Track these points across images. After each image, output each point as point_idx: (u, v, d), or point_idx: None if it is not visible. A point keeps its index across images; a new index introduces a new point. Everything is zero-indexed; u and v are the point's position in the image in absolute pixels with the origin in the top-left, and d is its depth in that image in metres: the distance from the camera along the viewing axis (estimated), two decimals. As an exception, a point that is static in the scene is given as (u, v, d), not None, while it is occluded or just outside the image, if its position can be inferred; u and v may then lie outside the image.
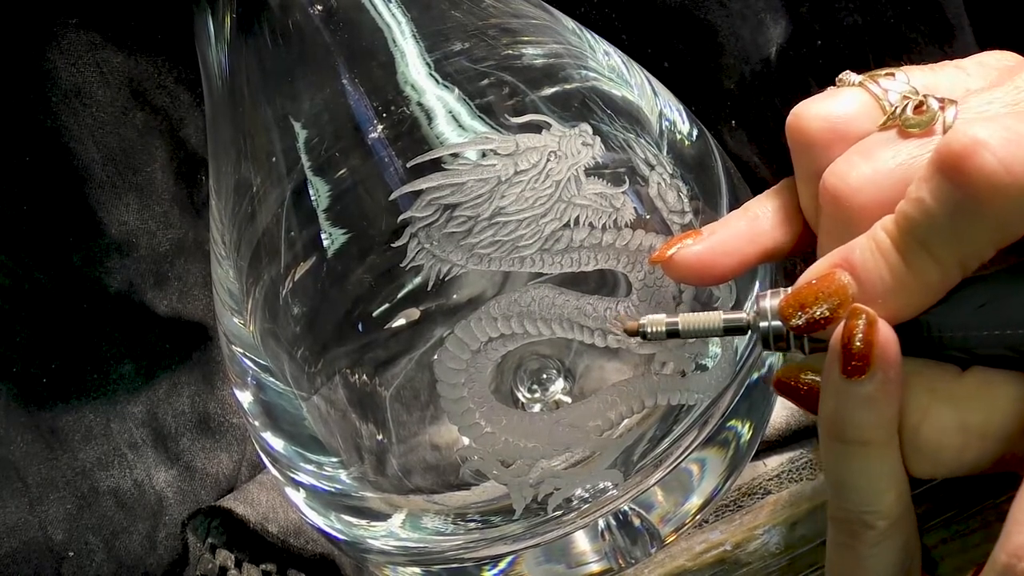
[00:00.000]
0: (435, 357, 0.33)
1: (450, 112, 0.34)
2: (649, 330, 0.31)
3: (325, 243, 0.34)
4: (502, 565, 0.36)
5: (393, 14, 0.34)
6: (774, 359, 0.38)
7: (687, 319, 0.31)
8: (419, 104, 0.34)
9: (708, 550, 0.42)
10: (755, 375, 0.37)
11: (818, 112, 0.31)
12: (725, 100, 0.47)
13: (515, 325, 0.33)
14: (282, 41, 0.34)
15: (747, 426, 0.38)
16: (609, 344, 0.33)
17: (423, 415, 0.35)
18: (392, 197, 0.33)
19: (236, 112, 0.36)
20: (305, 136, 0.35)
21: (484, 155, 0.32)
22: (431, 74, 0.34)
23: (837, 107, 0.31)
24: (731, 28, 0.46)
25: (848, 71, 0.32)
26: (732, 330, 0.31)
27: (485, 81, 0.34)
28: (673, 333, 0.31)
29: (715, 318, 0.31)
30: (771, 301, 0.30)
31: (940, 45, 0.46)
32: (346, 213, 0.34)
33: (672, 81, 0.40)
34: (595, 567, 0.37)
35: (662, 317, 0.32)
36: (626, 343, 0.34)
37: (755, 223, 0.33)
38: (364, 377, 0.35)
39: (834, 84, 0.32)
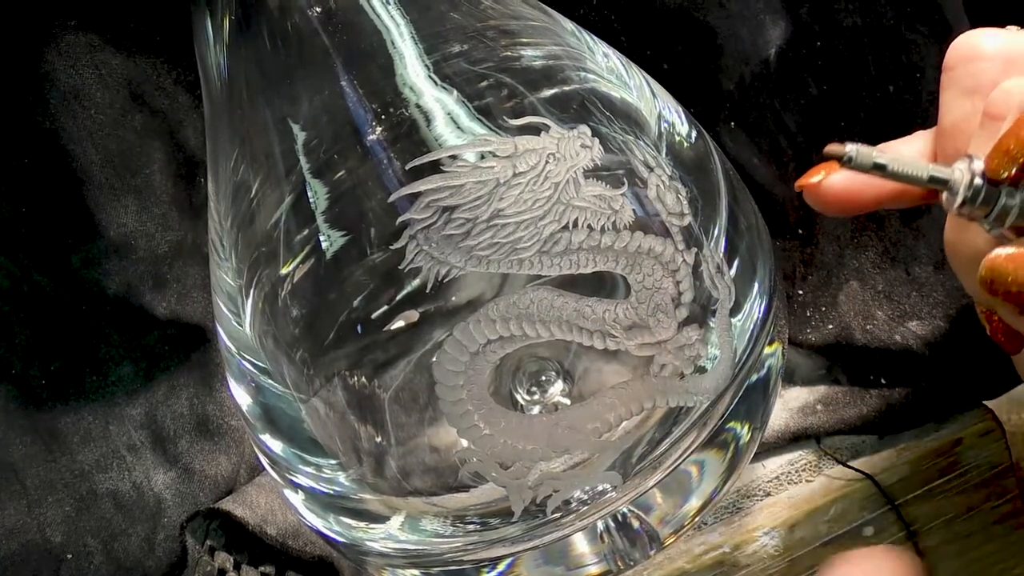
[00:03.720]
0: (434, 359, 0.33)
1: (449, 114, 0.34)
2: (855, 157, 0.29)
3: (324, 245, 0.34)
4: (501, 567, 0.36)
5: (392, 16, 0.34)
6: (773, 361, 0.38)
7: (896, 159, 0.29)
8: (418, 106, 0.34)
9: (707, 552, 0.42)
10: (754, 377, 0.37)
11: (994, 34, 0.31)
12: (724, 101, 0.47)
13: (514, 327, 0.33)
14: (281, 43, 0.34)
15: (746, 428, 0.38)
16: (608, 346, 0.33)
17: (422, 417, 0.35)
18: (391, 199, 0.32)
19: (235, 114, 0.36)
20: (304, 138, 0.35)
21: (483, 157, 0.32)
22: (430, 76, 0.34)
23: (1015, 39, 0.31)
24: (730, 29, 0.46)
25: None
26: (936, 181, 0.29)
27: (484, 83, 0.34)
28: (880, 167, 0.29)
29: (922, 166, 0.29)
30: (975, 164, 0.29)
31: (940, 45, 0.46)
32: (345, 215, 0.34)
33: (671, 83, 0.40)
34: (594, 569, 0.37)
35: (872, 148, 0.30)
36: (624, 345, 0.34)
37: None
38: (363, 379, 0.35)
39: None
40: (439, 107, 0.34)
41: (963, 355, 0.47)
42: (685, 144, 0.37)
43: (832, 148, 0.29)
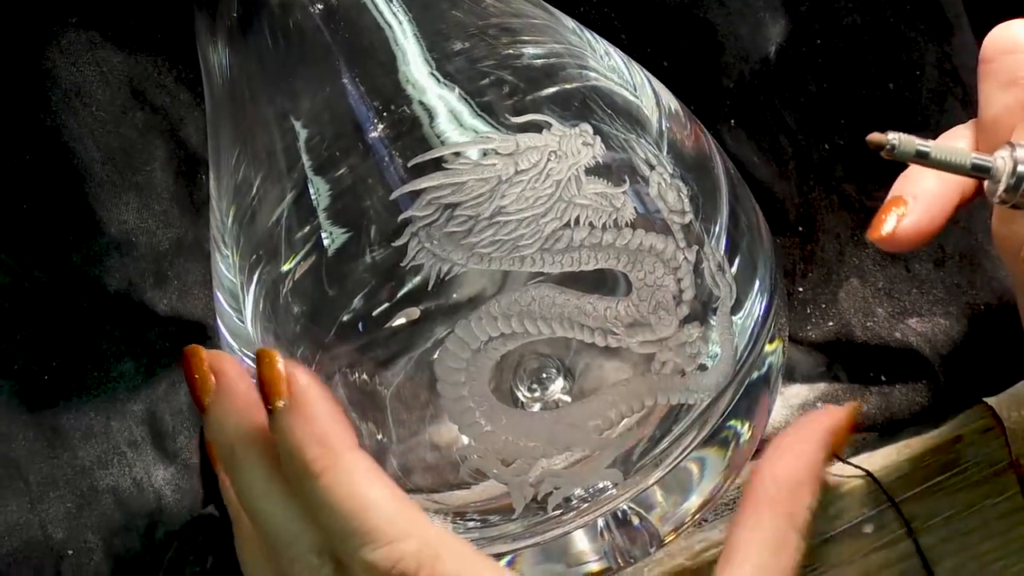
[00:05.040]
0: (435, 356, 0.33)
1: (451, 111, 0.34)
2: (897, 145, 0.29)
3: (325, 242, 0.34)
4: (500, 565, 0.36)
5: (394, 13, 0.34)
6: (774, 358, 0.38)
7: (939, 147, 0.29)
8: (420, 103, 0.34)
9: (707, 549, 0.42)
10: (755, 374, 0.37)
11: None
12: (724, 99, 0.47)
13: (515, 324, 0.33)
14: (283, 40, 0.34)
15: (747, 425, 0.38)
16: (609, 344, 0.33)
17: (423, 414, 0.35)
18: (393, 196, 0.33)
19: (236, 111, 0.36)
20: (305, 135, 0.35)
21: (485, 155, 0.32)
22: (432, 73, 0.34)
23: None
24: (730, 27, 0.46)
25: None
26: (979, 169, 0.29)
27: (485, 80, 0.34)
28: (922, 155, 0.29)
29: (964, 154, 0.29)
30: (1017, 152, 0.29)
31: (940, 44, 0.46)
32: (346, 212, 0.34)
33: (671, 80, 0.40)
34: (594, 566, 0.37)
35: (914, 137, 0.30)
36: (625, 342, 0.34)
37: (944, 177, 0.33)
38: (364, 376, 0.35)
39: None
40: (441, 104, 0.34)
41: (963, 352, 0.47)
42: (686, 142, 0.37)
43: (874, 137, 0.29)
